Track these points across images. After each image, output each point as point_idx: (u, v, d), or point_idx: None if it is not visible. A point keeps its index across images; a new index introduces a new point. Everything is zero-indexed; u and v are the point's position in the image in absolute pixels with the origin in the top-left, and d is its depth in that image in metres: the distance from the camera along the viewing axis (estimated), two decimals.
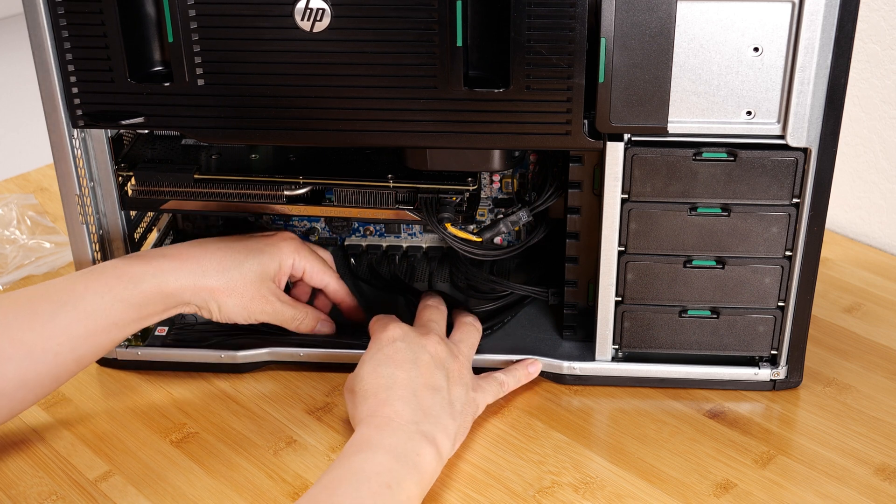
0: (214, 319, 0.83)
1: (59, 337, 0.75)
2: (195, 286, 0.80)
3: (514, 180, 0.95)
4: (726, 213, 0.79)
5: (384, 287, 0.97)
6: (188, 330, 0.91)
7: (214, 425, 0.84)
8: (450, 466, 0.79)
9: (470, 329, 0.85)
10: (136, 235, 0.93)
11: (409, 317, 0.91)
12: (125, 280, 0.78)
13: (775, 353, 0.85)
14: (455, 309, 0.90)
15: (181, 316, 0.92)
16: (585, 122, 0.76)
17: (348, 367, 0.85)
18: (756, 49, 0.73)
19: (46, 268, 1.05)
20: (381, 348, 0.80)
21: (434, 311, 0.87)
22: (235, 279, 0.82)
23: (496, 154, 0.84)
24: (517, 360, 0.86)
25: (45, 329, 0.75)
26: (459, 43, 0.73)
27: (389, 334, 0.81)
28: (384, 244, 1.02)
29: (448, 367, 0.79)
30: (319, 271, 0.88)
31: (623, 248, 0.82)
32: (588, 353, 0.87)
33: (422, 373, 0.77)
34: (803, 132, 0.76)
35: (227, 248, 0.83)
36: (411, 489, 0.70)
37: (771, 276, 0.81)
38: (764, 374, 0.86)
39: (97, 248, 0.87)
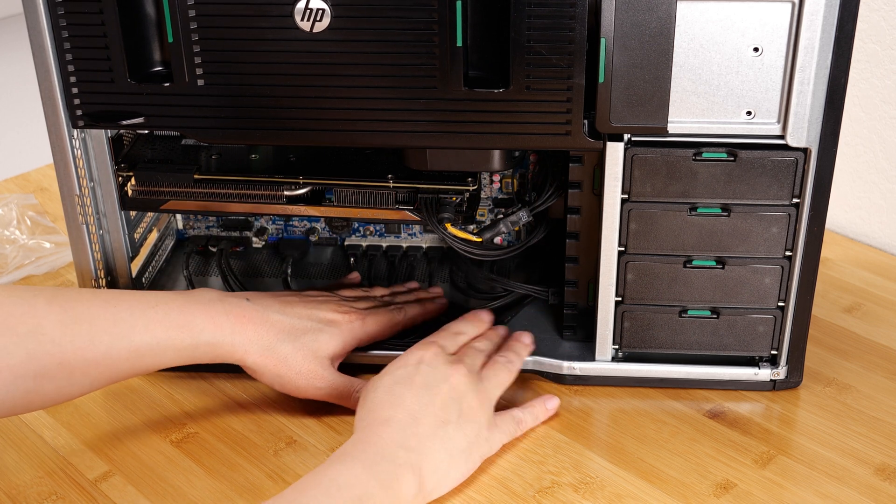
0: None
1: (104, 367, 0.76)
2: (247, 350, 0.79)
3: (514, 180, 0.95)
4: (726, 213, 0.79)
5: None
6: None
7: (214, 425, 0.84)
8: None
9: (502, 370, 0.81)
10: (136, 235, 0.93)
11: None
12: (185, 331, 0.77)
13: (775, 353, 0.85)
14: (515, 333, 0.87)
15: None
16: (585, 122, 0.76)
17: (350, 368, 0.85)
18: (756, 49, 0.73)
19: (46, 268, 1.05)
20: (406, 365, 0.78)
21: (487, 342, 0.84)
22: (285, 353, 0.80)
23: (496, 154, 0.84)
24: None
25: (95, 358, 0.75)
26: (459, 43, 0.73)
27: (420, 353, 0.79)
28: (384, 244, 1.02)
29: (464, 404, 0.76)
30: (388, 334, 0.87)
31: (623, 248, 0.82)
32: (588, 353, 0.87)
33: (432, 402, 0.75)
34: (803, 132, 0.76)
35: (288, 320, 0.81)
36: None
37: (771, 276, 0.81)
38: (764, 374, 0.86)
39: (97, 248, 0.87)
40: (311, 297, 0.86)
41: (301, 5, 0.73)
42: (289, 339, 0.80)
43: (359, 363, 0.87)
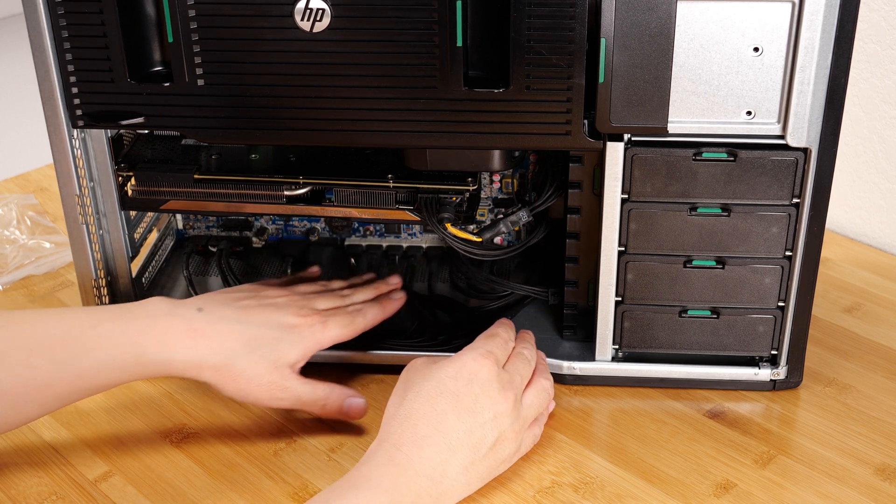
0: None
1: (48, 393, 0.74)
2: (201, 366, 0.76)
3: (514, 180, 0.95)
4: (726, 213, 0.79)
5: None
6: None
7: (214, 425, 0.84)
8: None
9: (543, 395, 0.79)
10: (136, 235, 0.93)
11: (408, 320, 0.91)
12: (131, 350, 0.75)
13: (775, 353, 0.85)
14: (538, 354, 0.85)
15: None
16: (585, 122, 0.76)
17: (349, 367, 0.85)
18: (756, 49, 0.73)
19: (46, 268, 1.05)
20: (457, 377, 0.74)
21: (528, 346, 0.82)
22: (243, 366, 0.77)
23: (496, 154, 0.84)
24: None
25: (37, 385, 0.74)
26: (459, 43, 0.73)
27: (475, 368, 0.75)
28: (384, 244, 1.02)
29: (502, 432, 0.74)
30: (349, 336, 0.84)
31: (623, 248, 0.82)
32: (588, 353, 0.87)
33: (472, 431, 0.73)
34: (803, 132, 0.76)
35: (245, 329, 0.78)
36: None
37: (771, 276, 0.81)
38: (764, 374, 0.86)
39: (97, 248, 0.87)
40: (269, 299, 0.83)
41: (301, 5, 0.73)
42: (246, 352, 0.77)
43: (361, 363, 0.87)
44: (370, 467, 0.70)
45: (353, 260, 1.00)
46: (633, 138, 0.77)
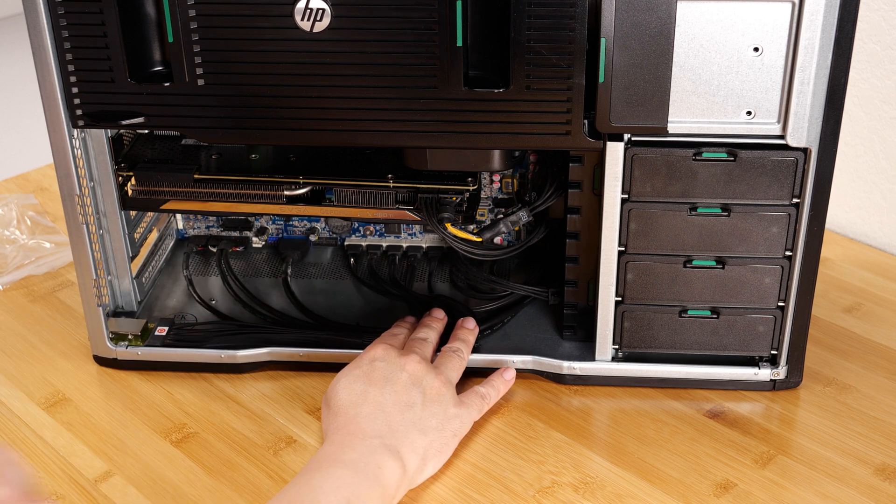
0: None
1: None
2: None
3: (514, 180, 0.95)
4: (726, 213, 0.79)
5: (382, 290, 0.97)
6: (188, 330, 0.91)
7: (214, 425, 0.84)
8: (450, 466, 0.79)
9: (453, 358, 0.84)
10: (136, 235, 0.93)
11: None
12: None
13: (775, 353, 0.85)
14: (458, 320, 0.89)
15: (181, 315, 0.92)
16: (585, 122, 0.76)
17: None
18: (756, 49, 0.73)
19: (46, 268, 1.05)
20: (360, 365, 0.80)
21: (427, 329, 0.86)
22: None
23: (496, 154, 0.84)
24: (494, 370, 0.86)
25: None
26: (459, 43, 0.73)
27: (370, 353, 0.81)
28: (384, 244, 1.02)
29: (426, 386, 0.79)
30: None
31: (623, 248, 0.82)
32: (588, 353, 0.87)
33: (395, 390, 0.77)
34: (803, 132, 0.76)
35: None
36: (372, 502, 0.70)
37: (771, 276, 0.81)
38: (764, 374, 0.86)
39: (97, 248, 0.87)
40: None
41: (301, 5, 0.73)
42: None
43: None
44: (320, 456, 0.72)
45: (352, 260, 1.00)
46: (633, 138, 0.77)
